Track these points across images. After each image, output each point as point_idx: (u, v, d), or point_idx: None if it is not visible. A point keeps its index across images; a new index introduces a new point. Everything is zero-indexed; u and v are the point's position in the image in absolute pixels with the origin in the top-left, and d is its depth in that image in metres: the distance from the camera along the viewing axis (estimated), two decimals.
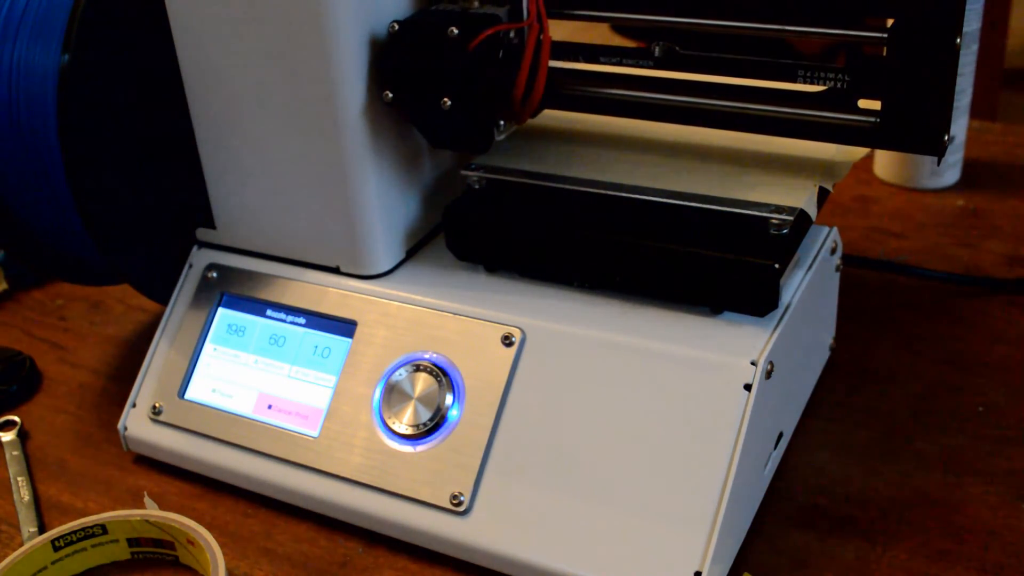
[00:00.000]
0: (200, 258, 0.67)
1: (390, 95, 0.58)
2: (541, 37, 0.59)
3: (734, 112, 0.60)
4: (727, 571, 0.54)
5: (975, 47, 0.87)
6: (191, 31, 0.60)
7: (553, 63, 0.62)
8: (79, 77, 0.60)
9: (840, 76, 0.58)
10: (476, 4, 0.58)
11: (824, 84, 0.58)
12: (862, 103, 0.57)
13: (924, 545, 0.56)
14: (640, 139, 0.65)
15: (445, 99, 0.57)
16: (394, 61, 0.58)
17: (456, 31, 0.56)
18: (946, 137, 0.55)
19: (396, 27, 0.57)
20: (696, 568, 0.51)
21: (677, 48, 0.62)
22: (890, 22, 0.54)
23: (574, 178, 0.60)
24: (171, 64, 0.62)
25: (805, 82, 0.59)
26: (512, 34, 0.58)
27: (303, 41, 0.57)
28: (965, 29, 0.68)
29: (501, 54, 0.58)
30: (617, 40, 0.75)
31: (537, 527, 0.54)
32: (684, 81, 0.62)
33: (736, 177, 0.60)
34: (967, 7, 0.54)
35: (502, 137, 0.61)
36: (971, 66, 0.88)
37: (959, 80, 0.82)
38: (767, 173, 0.60)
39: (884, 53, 0.55)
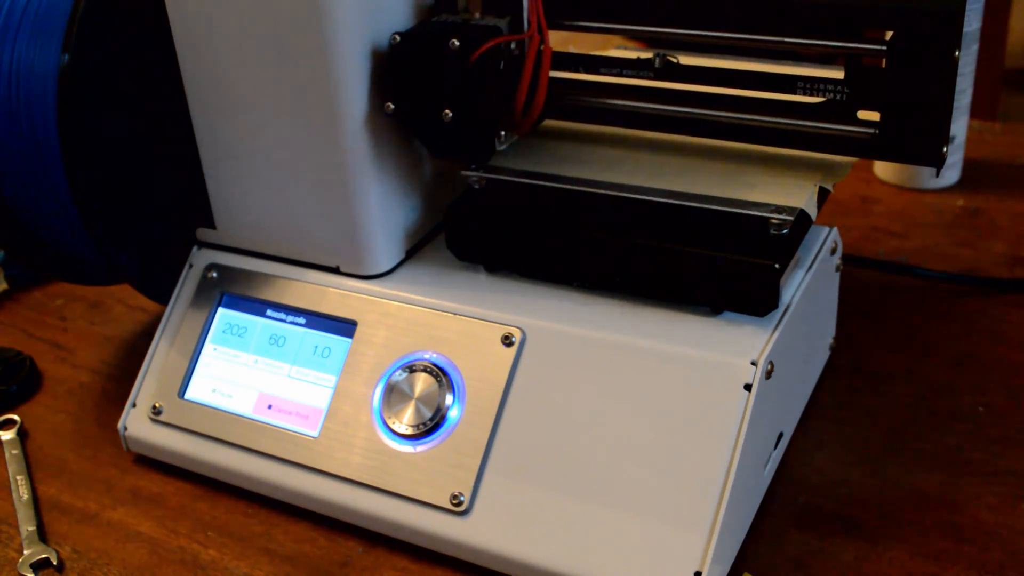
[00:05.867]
0: (200, 258, 0.67)
1: (391, 106, 0.58)
2: (542, 48, 0.59)
3: (734, 123, 0.60)
4: (727, 571, 0.54)
5: (975, 47, 0.87)
6: (191, 33, 0.60)
7: (554, 73, 0.62)
8: (79, 77, 0.60)
9: (839, 88, 0.58)
10: (477, 16, 0.58)
11: (823, 95, 0.58)
12: (861, 114, 0.57)
13: (924, 545, 0.56)
14: (640, 139, 0.65)
15: (446, 111, 0.57)
16: (395, 73, 0.58)
17: (457, 43, 0.56)
18: (944, 149, 0.56)
19: (398, 39, 0.58)
20: (696, 568, 0.51)
21: (677, 59, 0.62)
22: (889, 34, 0.54)
23: (574, 178, 0.60)
24: (171, 64, 0.62)
25: (804, 94, 0.59)
26: (513, 46, 0.58)
27: (305, 50, 0.57)
28: (965, 29, 0.68)
29: (502, 66, 0.58)
30: (624, 43, 0.75)
31: (537, 527, 0.54)
32: (684, 92, 0.62)
33: (736, 177, 0.60)
34: (967, 7, 0.54)
35: (503, 147, 0.61)
36: (971, 66, 0.88)
37: (959, 80, 0.82)
38: (767, 173, 0.60)
39: (883, 65, 0.55)
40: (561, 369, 0.56)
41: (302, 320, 0.63)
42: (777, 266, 0.54)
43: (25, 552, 0.60)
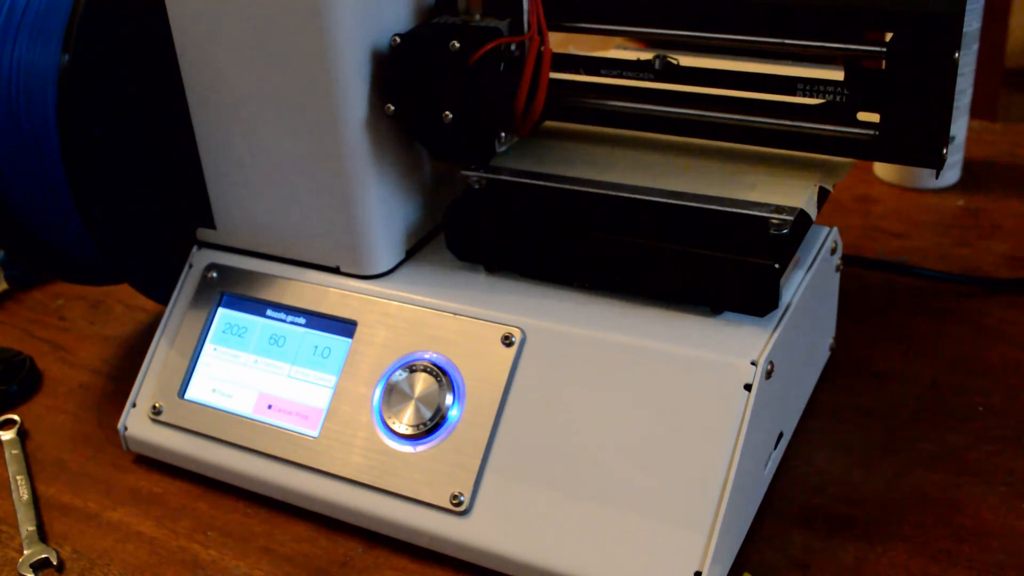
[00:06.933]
0: (200, 258, 0.67)
1: (392, 108, 0.58)
2: (542, 50, 0.59)
3: (734, 125, 0.60)
4: (727, 571, 0.54)
5: (975, 47, 0.87)
6: (191, 33, 0.60)
7: (554, 75, 0.62)
8: (79, 77, 0.60)
9: (839, 89, 0.58)
10: (477, 17, 0.58)
11: (823, 97, 0.59)
12: (861, 115, 0.57)
13: (924, 545, 0.56)
14: (640, 139, 0.65)
15: (446, 112, 0.57)
16: (396, 74, 0.58)
17: (457, 45, 0.56)
18: (944, 150, 0.56)
19: (398, 40, 0.58)
20: (696, 568, 0.51)
21: (677, 61, 0.62)
22: (889, 36, 0.54)
23: (574, 178, 0.60)
24: (171, 64, 0.62)
25: (804, 95, 0.59)
26: (513, 47, 0.58)
27: (305, 51, 0.57)
28: (965, 29, 0.68)
29: (502, 68, 0.58)
30: (624, 44, 0.76)
31: (537, 527, 0.54)
32: (684, 93, 0.62)
33: (736, 177, 0.60)
34: (967, 7, 0.54)
35: (503, 149, 0.61)
36: (971, 66, 0.88)
37: (959, 80, 0.82)
38: (767, 173, 0.60)
39: (883, 66, 0.55)
40: (561, 369, 0.56)
41: (302, 320, 0.63)
42: (777, 266, 0.54)
43: (25, 552, 0.60)
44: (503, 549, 0.55)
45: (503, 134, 0.60)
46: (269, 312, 0.64)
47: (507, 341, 0.57)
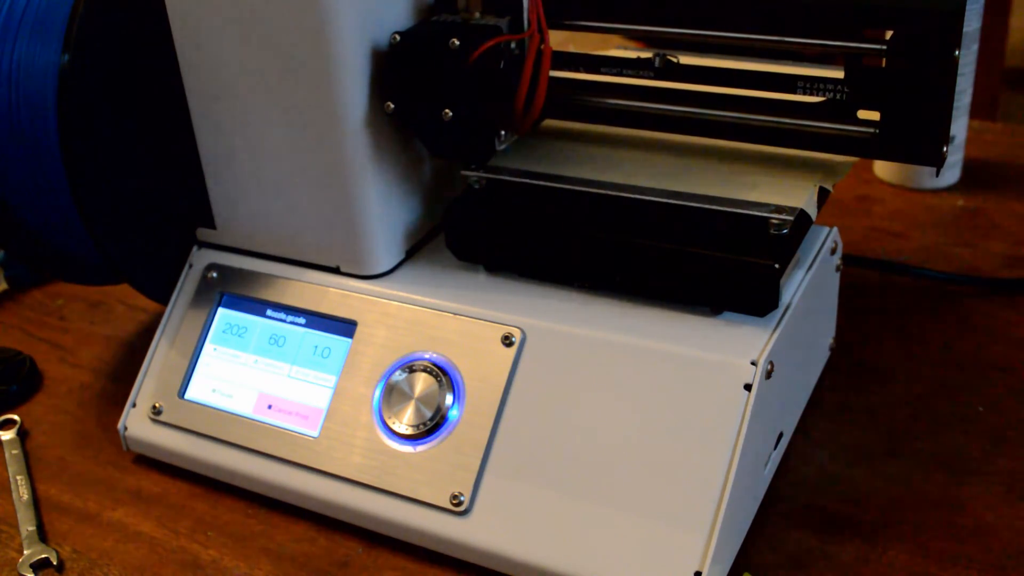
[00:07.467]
0: (200, 258, 0.67)
1: (391, 106, 0.58)
2: (542, 48, 0.59)
3: (734, 123, 0.60)
4: (727, 571, 0.54)
5: (975, 47, 0.87)
6: (191, 33, 0.60)
7: (554, 73, 0.62)
8: (79, 77, 0.60)
9: (839, 87, 0.58)
10: (477, 15, 0.58)
11: (823, 95, 0.59)
12: (861, 114, 0.57)
13: (924, 545, 0.56)
14: (640, 139, 0.65)
15: (446, 110, 0.57)
16: (395, 72, 0.58)
17: (457, 43, 0.56)
18: (945, 148, 0.56)
19: (398, 38, 0.58)
20: (696, 568, 0.51)
21: (677, 59, 0.62)
22: (889, 34, 0.54)
23: (574, 178, 0.60)
24: (171, 64, 0.62)
25: (804, 93, 0.59)
26: (513, 45, 0.58)
27: (305, 50, 0.57)
28: (965, 29, 0.69)
29: (502, 65, 0.58)
30: (624, 43, 0.76)
31: (537, 527, 0.54)
32: (684, 91, 0.62)
33: (736, 177, 0.60)
34: (967, 7, 0.54)
35: (503, 147, 0.61)
36: (971, 66, 0.88)
37: (959, 80, 0.82)
38: (767, 173, 0.60)
39: (883, 64, 0.55)
40: (561, 369, 0.56)
41: (302, 320, 0.63)
42: (777, 266, 0.54)
43: (25, 552, 0.60)
44: (503, 549, 0.55)
45: (503, 132, 0.60)
46: (269, 312, 0.64)
47: (507, 341, 0.57)
